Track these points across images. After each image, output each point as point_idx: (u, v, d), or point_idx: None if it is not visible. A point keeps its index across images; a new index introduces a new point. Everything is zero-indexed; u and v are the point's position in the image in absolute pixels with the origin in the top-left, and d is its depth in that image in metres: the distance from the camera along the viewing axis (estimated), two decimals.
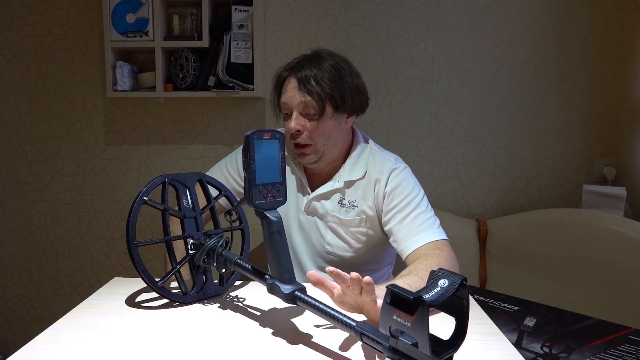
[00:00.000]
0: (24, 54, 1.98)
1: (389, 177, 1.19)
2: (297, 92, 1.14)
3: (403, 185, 1.18)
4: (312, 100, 1.13)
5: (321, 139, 1.17)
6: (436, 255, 1.05)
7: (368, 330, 0.63)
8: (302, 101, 1.14)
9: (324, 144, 1.17)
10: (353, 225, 1.22)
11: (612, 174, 1.83)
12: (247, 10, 1.78)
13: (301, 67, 1.16)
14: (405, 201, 1.17)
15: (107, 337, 0.78)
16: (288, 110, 1.17)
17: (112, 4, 1.80)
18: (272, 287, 0.78)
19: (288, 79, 1.18)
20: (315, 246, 1.26)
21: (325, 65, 1.16)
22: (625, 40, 1.82)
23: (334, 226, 1.23)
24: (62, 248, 2.07)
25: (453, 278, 0.54)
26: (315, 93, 1.13)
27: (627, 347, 1.09)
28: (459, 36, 1.87)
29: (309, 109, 1.14)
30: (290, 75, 1.17)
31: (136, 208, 0.90)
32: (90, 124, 2.01)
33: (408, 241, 1.12)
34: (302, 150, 1.18)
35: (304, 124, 1.15)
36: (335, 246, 1.24)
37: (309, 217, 1.26)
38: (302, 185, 1.26)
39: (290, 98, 1.15)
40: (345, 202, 1.22)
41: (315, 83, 1.13)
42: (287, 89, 1.17)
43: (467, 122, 1.90)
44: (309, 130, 1.16)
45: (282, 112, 1.20)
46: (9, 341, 2.12)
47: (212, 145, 1.98)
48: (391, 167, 1.20)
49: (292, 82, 1.16)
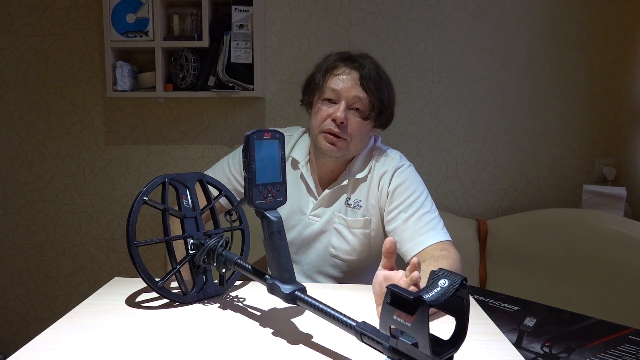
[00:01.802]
0: (24, 54, 1.98)
1: (393, 176, 1.18)
2: (357, 85, 1.14)
3: (407, 183, 1.17)
4: (367, 99, 1.15)
5: (357, 138, 1.17)
6: (445, 258, 1.03)
7: (368, 330, 0.63)
8: (357, 96, 1.14)
9: (356, 144, 1.18)
10: (358, 226, 1.20)
11: (612, 174, 1.83)
12: (247, 10, 1.78)
13: (363, 65, 1.16)
14: (409, 200, 1.15)
15: (107, 337, 0.78)
16: (335, 97, 1.15)
17: (112, 4, 1.80)
18: (272, 287, 0.78)
19: (346, 69, 1.16)
20: (320, 250, 1.24)
21: (382, 74, 1.19)
22: (625, 40, 1.82)
23: (339, 228, 1.21)
24: (62, 248, 2.06)
25: (453, 278, 0.54)
26: (373, 94, 1.15)
27: (627, 347, 1.09)
28: (459, 36, 1.87)
29: (361, 105, 1.15)
30: (349, 67, 1.16)
31: (136, 208, 0.90)
32: (90, 124, 2.01)
33: (412, 242, 1.11)
34: (335, 140, 1.15)
35: (349, 117, 1.14)
36: (339, 249, 1.22)
37: (315, 220, 1.23)
38: (310, 188, 1.24)
39: (346, 88, 1.14)
40: (351, 203, 1.21)
41: (374, 86, 1.15)
42: (342, 78, 1.15)
43: (467, 122, 1.90)
44: (352, 126, 1.15)
45: (322, 97, 1.17)
46: (9, 341, 2.12)
47: (212, 145, 1.98)
48: (395, 166, 1.19)
49: (353, 74, 1.15)
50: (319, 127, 1.16)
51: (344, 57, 1.19)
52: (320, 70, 1.19)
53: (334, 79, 1.16)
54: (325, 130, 1.15)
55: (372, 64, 1.18)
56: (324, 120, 1.15)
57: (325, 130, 1.15)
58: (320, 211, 1.23)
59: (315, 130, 1.18)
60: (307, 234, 1.24)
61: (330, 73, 1.17)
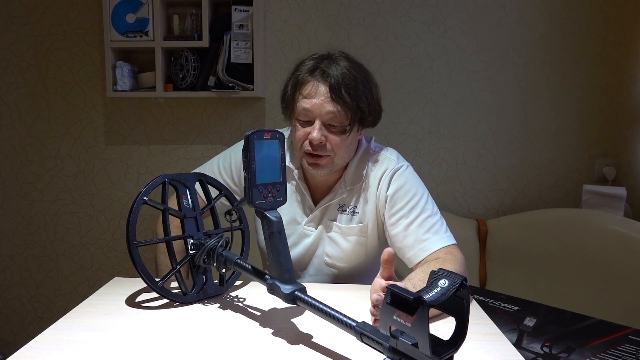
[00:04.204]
0: (24, 54, 1.98)
1: (392, 179, 1.11)
2: (328, 100, 1.03)
3: (406, 187, 1.10)
4: (342, 112, 1.03)
5: (341, 151, 1.07)
6: (449, 260, 1.00)
7: (368, 330, 0.63)
8: (331, 111, 1.03)
9: (341, 156, 1.09)
10: (353, 233, 1.15)
11: (612, 174, 1.83)
12: (247, 10, 1.78)
13: (330, 72, 1.04)
14: (409, 205, 1.09)
15: (107, 337, 0.78)
16: (309, 117, 1.05)
17: (112, 4, 1.80)
18: (272, 287, 0.78)
19: (314, 83, 1.05)
20: (314, 259, 1.21)
21: (354, 73, 1.05)
22: (625, 40, 1.82)
23: (334, 236, 1.17)
24: (62, 248, 2.06)
25: (453, 278, 0.54)
26: (347, 105, 1.03)
27: (627, 347, 1.09)
28: (459, 36, 1.87)
29: (336, 120, 1.04)
30: (317, 80, 1.05)
31: (136, 208, 0.90)
32: (90, 124, 2.01)
33: (416, 249, 1.05)
34: (317, 160, 1.07)
35: (327, 135, 1.05)
36: (334, 257, 1.18)
37: (310, 230, 1.19)
38: (305, 199, 1.18)
39: (317, 106, 1.03)
40: (347, 209, 1.16)
41: (346, 93, 1.03)
42: (312, 94, 1.04)
43: (467, 122, 1.90)
44: (332, 142, 1.05)
45: (298, 118, 1.07)
46: (9, 341, 2.12)
47: (212, 145, 1.98)
48: (393, 168, 1.12)
49: (321, 88, 1.04)
50: (300, 148, 1.09)
51: (311, 68, 1.07)
52: (291, 86, 1.09)
53: (303, 99, 1.05)
54: (306, 151, 1.07)
55: (343, 67, 1.05)
56: (302, 141, 1.07)
57: (306, 151, 1.07)
58: (315, 221, 1.18)
59: (297, 150, 1.11)
60: (302, 245, 1.20)
61: (299, 92, 1.06)
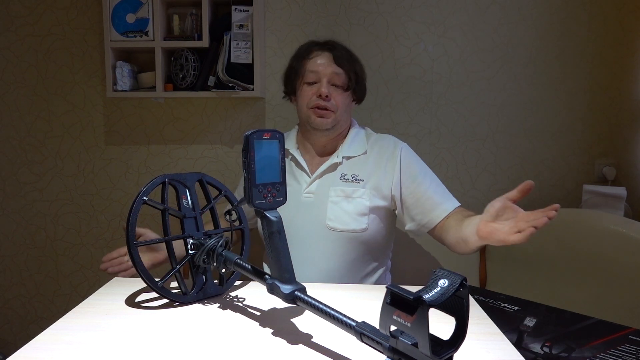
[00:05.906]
0: (24, 54, 1.98)
1: (401, 152, 1.30)
2: (333, 64, 1.29)
3: (415, 159, 1.32)
4: (344, 74, 1.30)
5: (342, 108, 1.30)
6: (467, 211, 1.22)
7: (368, 330, 0.63)
8: (335, 72, 1.28)
9: (342, 115, 1.30)
10: (357, 196, 1.26)
11: (612, 174, 1.83)
12: (247, 10, 1.78)
13: (333, 46, 1.32)
14: (422, 174, 1.29)
15: (107, 337, 0.78)
16: (316, 78, 1.29)
17: (112, 4, 1.80)
18: (272, 287, 0.78)
19: (320, 52, 1.31)
20: (316, 224, 1.27)
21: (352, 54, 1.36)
22: (625, 40, 1.82)
23: (336, 200, 1.27)
24: (62, 248, 2.06)
25: (453, 278, 0.54)
26: (347, 69, 1.30)
27: (627, 347, 1.09)
28: (459, 36, 1.87)
29: (339, 80, 1.29)
30: (322, 49, 1.32)
31: (136, 208, 0.90)
32: (90, 124, 2.01)
33: (438, 210, 1.24)
34: (324, 113, 1.27)
35: (331, 92, 1.28)
36: (336, 220, 1.26)
37: (310, 197, 1.29)
38: (303, 168, 1.32)
39: (323, 66, 1.29)
40: (349, 177, 1.29)
41: (347, 62, 1.31)
42: (318, 60, 1.30)
43: (467, 122, 1.90)
44: (336, 99, 1.28)
45: (304, 81, 1.30)
46: (9, 341, 2.12)
47: (212, 145, 1.98)
48: (398, 143, 1.33)
49: (325, 55, 1.30)
50: (307, 104, 1.29)
51: (315, 43, 1.34)
52: (296, 59, 1.34)
53: (310, 62, 1.30)
54: (314, 106, 1.28)
55: (341, 45, 1.34)
56: (310, 98, 1.29)
57: (314, 105, 1.28)
58: (314, 188, 1.30)
59: (304, 108, 1.30)
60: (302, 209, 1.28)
61: (306, 58, 1.31)
